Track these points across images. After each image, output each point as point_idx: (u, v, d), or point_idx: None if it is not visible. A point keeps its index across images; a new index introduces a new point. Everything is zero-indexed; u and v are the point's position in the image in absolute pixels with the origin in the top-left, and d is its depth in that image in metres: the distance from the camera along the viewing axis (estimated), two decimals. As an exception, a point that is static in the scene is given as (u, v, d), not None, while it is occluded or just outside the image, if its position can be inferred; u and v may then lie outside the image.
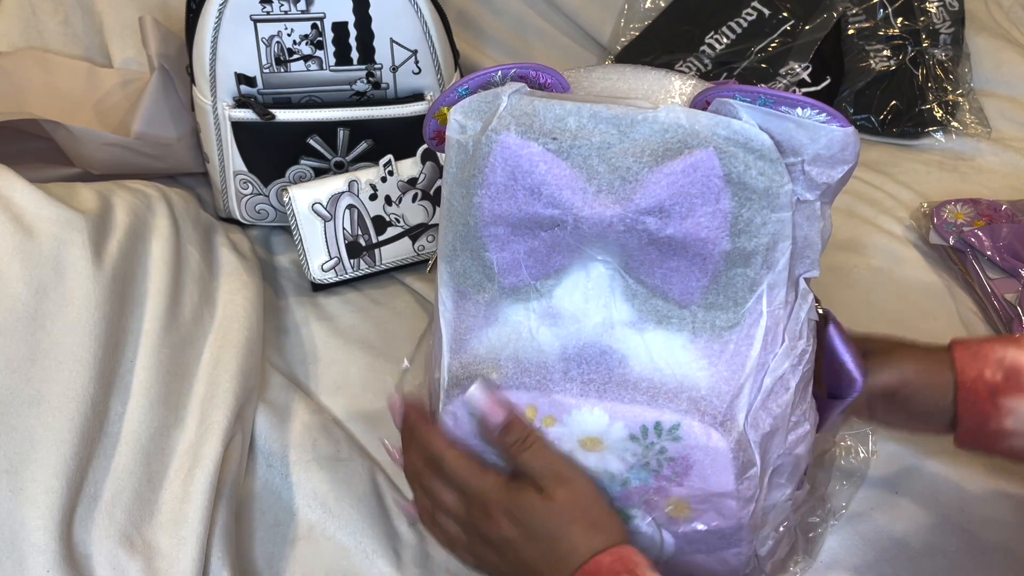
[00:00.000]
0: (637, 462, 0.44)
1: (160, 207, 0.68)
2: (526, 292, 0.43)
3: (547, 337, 0.43)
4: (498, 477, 0.45)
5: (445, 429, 0.46)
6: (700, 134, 0.39)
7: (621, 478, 0.45)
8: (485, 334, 0.44)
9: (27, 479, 0.51)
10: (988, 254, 0.75)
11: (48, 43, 0.87)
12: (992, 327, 0.72)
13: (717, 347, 0.43)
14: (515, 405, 0.44)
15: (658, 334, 0.43)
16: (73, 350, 0.55)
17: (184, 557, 0.52)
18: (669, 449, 0.43)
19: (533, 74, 0.43)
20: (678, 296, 0.42)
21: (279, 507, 0.59)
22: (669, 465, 0.44)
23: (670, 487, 0.44)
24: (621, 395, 0.43)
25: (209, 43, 0.70)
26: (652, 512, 0.46)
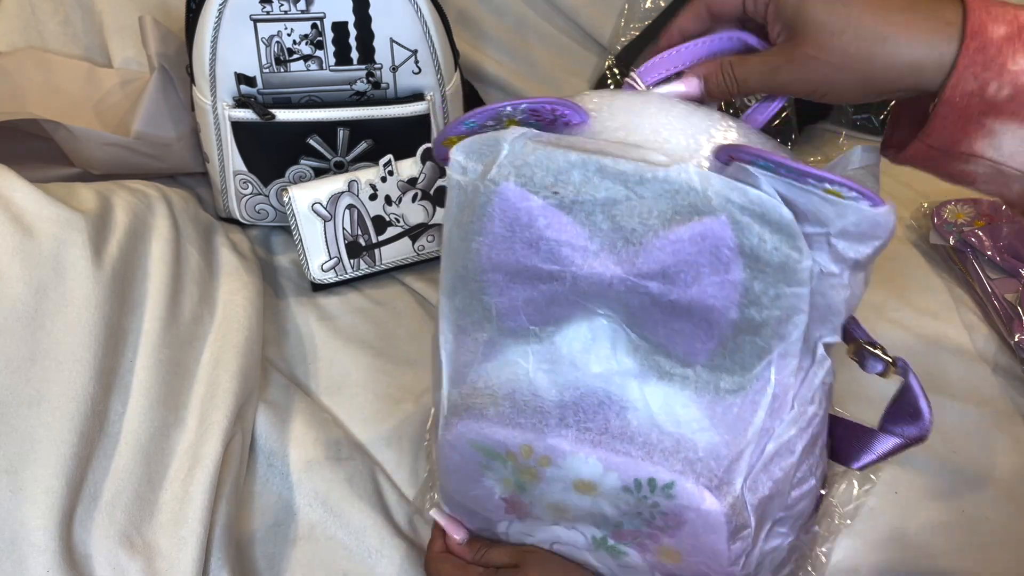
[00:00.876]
0: (630, 510, 0.43)
1: (160, 207, 0.68)
2: (525, 335, 0.42)
3: (544, 382, 0.43)
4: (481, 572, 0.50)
5: (444, 455, 0.47)
6: (712, 200, 0.36)
7: (614, 521, 0.44)
8: (484, 369, 0.44)
9: (27, 479, 0.50)
10: (988, 254, 0.75)
11: (48, 43, 0.86)
12: (992, 327, 0.72)
13: (720, 410, 0.41)
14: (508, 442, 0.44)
15: (660, 389, 0.41)
16: (73, 350, 0.55)
17: (184, 557, 0.52)
18: (662, 504, 0.42)
19: (548, 107, 0.40)
20: (682, 355, 0.40)
21: (279, 507, 0.59)
22: (662, 518, 0.43)
23: (662, 536, 0.44)
24: (616, 447, 0.41)
25: (209, 43, 0.70)
26: (644, 553, 0.46)
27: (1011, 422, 0.65)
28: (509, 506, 0.48)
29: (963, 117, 0.40)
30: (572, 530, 0.47)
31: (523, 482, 0.45)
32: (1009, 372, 0.69)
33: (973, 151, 0.41)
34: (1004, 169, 0.40)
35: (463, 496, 0.49)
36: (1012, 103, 0.39)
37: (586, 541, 0.47)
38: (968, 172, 0.42)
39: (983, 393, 0.67)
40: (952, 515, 0.59)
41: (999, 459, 0.62)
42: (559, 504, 0.45)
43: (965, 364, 0.69)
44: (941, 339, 0.71)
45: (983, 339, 0.71)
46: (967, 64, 0.38)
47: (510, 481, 0.45)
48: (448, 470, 0.47)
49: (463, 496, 0.49)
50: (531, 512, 0.47)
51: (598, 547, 0.47)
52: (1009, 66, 0.38)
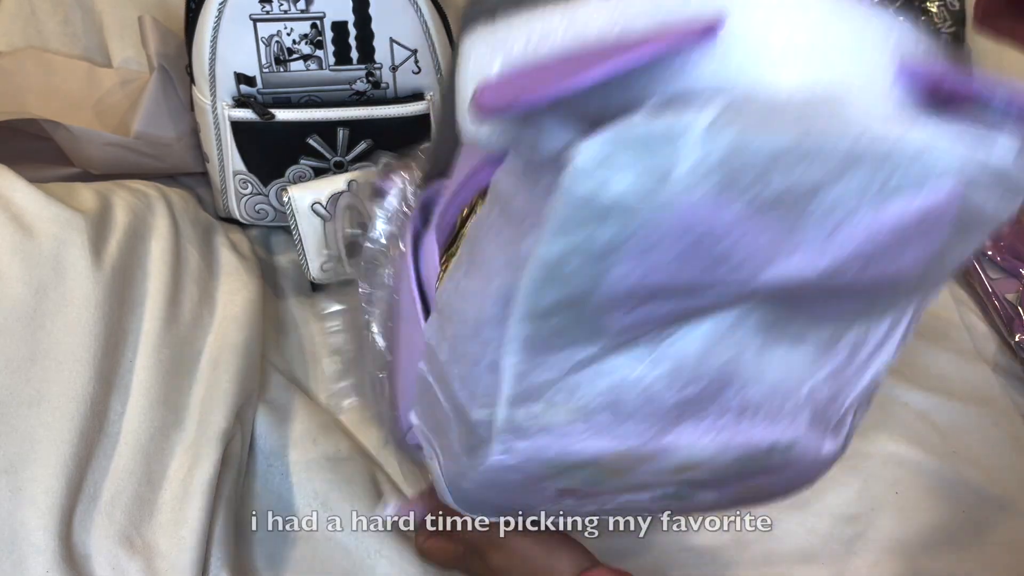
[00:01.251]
0: (730, 473, 0.39)
1: (160, 207, 0.68)
2: (638, 344, 0.34)
3: (661, 387, 0.35)
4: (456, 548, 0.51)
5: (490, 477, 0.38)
6: (949, 165, 0.28)
7: (702, 481, 0.40)
8: (570, 383, 0.35)
9: (27, 479, 0.50)
10: (989, 254, 0.75)
11: (47, 43, 0.86)
12: (992, 327, 0.72)
13: (847, 357, 0.36)
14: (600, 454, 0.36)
15: (787, 354, 0.36)
16: (73, 350, 0.55)
17: (184, 557, 0.52)
18: (774, 460, 0.38)
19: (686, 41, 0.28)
20: (826, 320, 0.35)
21: (279, 507, 0.59)
22: (765, 472, 0.39)
23: (755, 478, 0.40)
24: (739, 423, 0.36)
25: (208, 42, 0.70)
26: (721, 491, 0.41)
27: (1011, 422, 0.65)
28: (567, 492, 0.41)
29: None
30: (639, 493, 0.41)
31: (602, 478, 0.39)
32: (1009, 372, 0.69)
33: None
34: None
35: (493, 496, 0.42)
36: None
37: (652, 497, 0.42)
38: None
39: (983, 393, 0.67)
40: (953, 515, 0.59)
41: (1000, 459, 0.62)
42: (639, 485, 0.40)
43: (965, 364, 0.69)
44: (941, 339, 0.71)
45: (983, 339, 0.71)
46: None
47: (580, 480, 0.39)
48: (487, 483, 0.39)
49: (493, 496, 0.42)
50: (596, 493, 0.41)
51: (665, 499, 0.42)
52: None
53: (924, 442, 0.63)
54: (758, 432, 0.36)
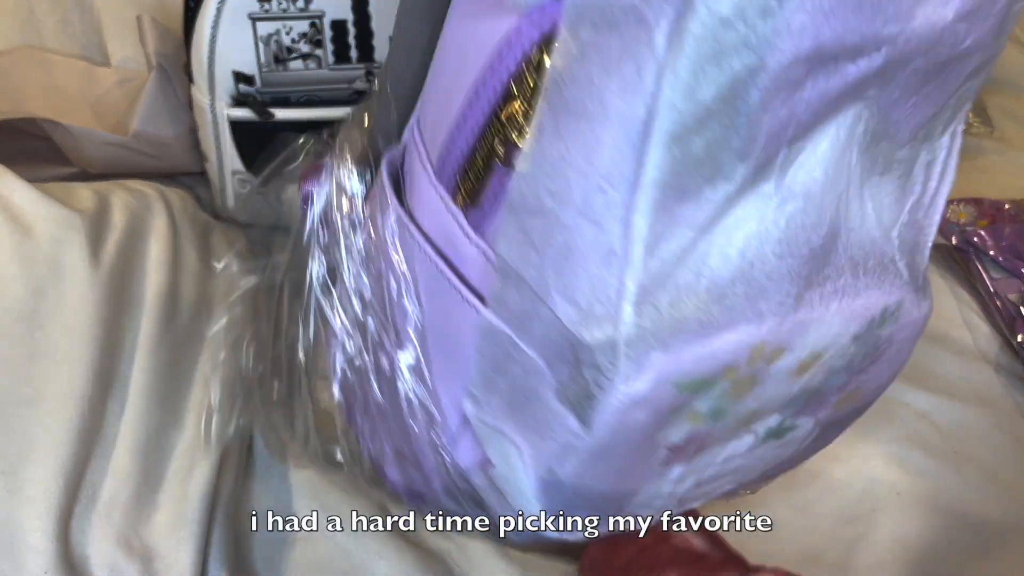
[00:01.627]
0: (843, 364, 0.35)
1: (158, 206, 0.68)
2: (766, 171, 0.29)
3: (792, 230, 0.31)
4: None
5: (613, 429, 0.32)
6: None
7: (814, 389, 0.36)
8: (699, 251, 0.30)
9: (24, 480, 0.50)
10: (991, 254, 0.75)
11: (46, 42, 0.86)
12: (994, 327, 0.72)
13: (920, 189, 0.34)
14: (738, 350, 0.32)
15: (879, 188, 0.33)
16: (71, 350, 0.54)
17: (182, 558, 0.52)
18: (883, 335, 0.35)
19: None
20: (908, 132, 0.32)
21: (278, 507, 0.59)
22: (871, 355, 0.36)
23: (857, 378, 0.37)
24: (856, 285, 0.33)
25: (207, 41, 0.69)
26: (819, 413, 0.39)
27: (1013, 422, 0.65)
28: (676, 453, 0.36)
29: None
30: (746, 435, 0.38)
31: (726, 404, 0.34)
32: (1011, 372, 0.69)
33: None
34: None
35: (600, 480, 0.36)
36: None
37: (755, 438, 0.38)
38: None
39: (985, 393, 0.67)
40: (954, 516, 0.59)
41: (1001, 460, 0.62)
42: (758, 408, 0.36)
43: (967, 364, 0.69)
44: (943, 339, 0.71)
45: (985, 339, 0.71)
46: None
47: (703, 415, 0.34)
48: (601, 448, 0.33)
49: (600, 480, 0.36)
50: (709, 442, 0.37)
51: (768, 438, 0.39)
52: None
53: (925, 443, 0.63)
54: (872, 295, 0.34)
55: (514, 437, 0.34)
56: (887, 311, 0.34)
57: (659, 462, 0.36)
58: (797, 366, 0.34)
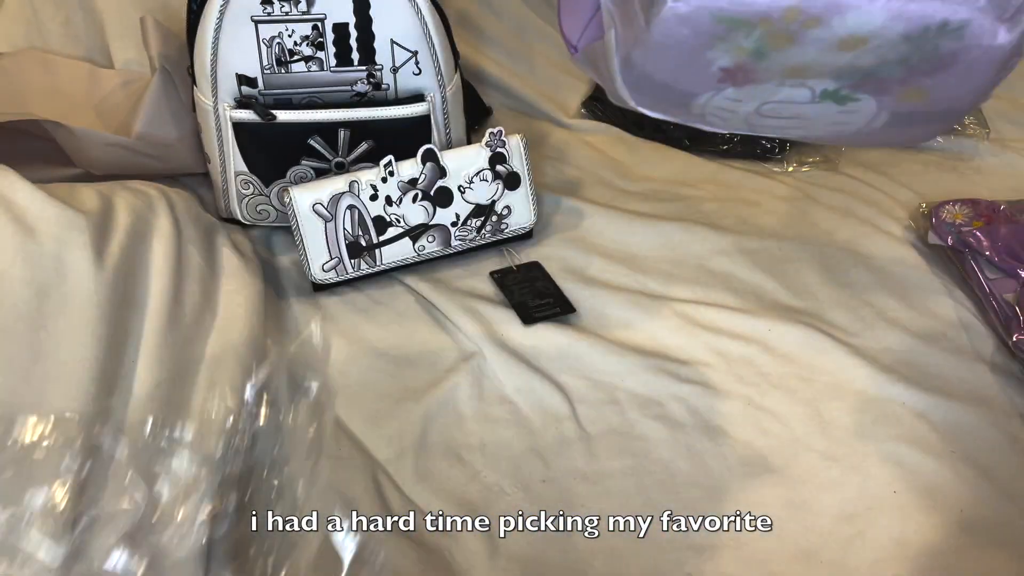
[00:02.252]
0: (896, 58, 0.39)
1: (161, 207, 0.68)
2: None
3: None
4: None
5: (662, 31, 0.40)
6: None
7: (867, 70, 0.40)
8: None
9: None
10: (987, 254, 0.75)
11: (49, 44, 0.87)
12: (990, 327, 0.72)
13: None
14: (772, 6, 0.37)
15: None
16: (74, 350, 0.55)
17: (186, 557, 0.52)
18: (942, 47, 0.38)
19: None
20: None
21: (279, 507, 0.59)
22: (931, 61, 0.39)
23: (921, 78, 0.40)
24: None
25: (210, 44, 0.70)
26: (882, 96, 0.42)
27: (1009, 422, 0.65)
28: (727, 75, 0.42)
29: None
30: (799, 87, 0.42)
31: (766, 48, 0.39)
32: (1007, 372, 0.69)
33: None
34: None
35: (664, 70, 0.43)
36: None
37: (812, 95, 0.43)
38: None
39: (981, 393, 0.67)
40: (950, 515, 0.59)
41: (997, 458, 0.63)
42: (802, 65, 0.40)
43: (963, 364, 0.70)
44: (940, 339, 0.72)
45: (981, 339, 0.72)
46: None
47: (747, 50, 0.39)
48: (659, 46, 0.40)
49: (664, 70, 0.43)
50: (757, 77, 0.42)
51: (824, 98, 0.43)
52: None
53: (922, 442, 0.63)
54: (933, 4, 0.36)
55: (616, 19, 0.44)
56: (947, 25, 0.36)
57: (714, 77, 0.42)
58: (838, 41, 0.37)
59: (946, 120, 0.44)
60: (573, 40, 0.51)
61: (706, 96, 0.44)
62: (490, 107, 0.94)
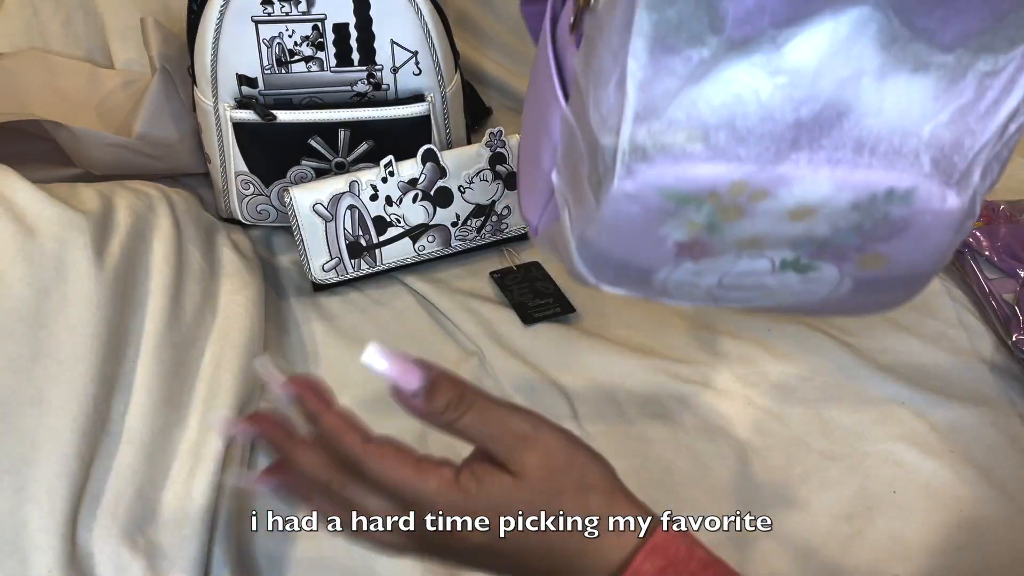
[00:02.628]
0: (849, 226, 0.39)
1: (162, 207, 0.68)
2: (757, 45, 0.35)
3: (779, 100, 0.36)
4: (442, 474, 0.37)
5: (612, 210, 0.39)
6: None
7: (821, 240, 0.40)
8: (689, 97, 0.36)
9: (29, 479, 0.51)
10: (986, 254, 0.75)
11: (50, 44, 0.87)
12: (990, 327, 0.72)
13: (973, 95, 0.36)
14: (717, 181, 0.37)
15: (910, 84, 0.36)
16: (75, 350, 0.55)
17: (186, 556, 0.52)
18: (892, 213, 0.38)
19: None
20: (948, 39, 0.35)
21: (280, 507, 0.59)
22: (884, 226, 0.39)
23: (876, 244, 0.40)
24: (856, 160, 0.37)
25: (210, 44, 0.70)
26: (842, 264, 0.42)
27: (1009, 422, 0.65)
28: (683, 249, 0.42)
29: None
30: (758, 258, 0.43)
31: (718, 222, 0.40)
32: (1007, 372, 0.69)
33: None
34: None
35: (618, 247, 0.43)
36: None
37: (772, 265, 0.43)
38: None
39: (981, 393, 0.67)
40: (950, 515, 0.59)
41: (997, 459, 0.63)
42: (757, 236, 0.40)
43: (963, 364, 0.70)
44: (939, 339, 0.72)
45: (981, 339, 0.72)
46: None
47: (699, 224, 0.40)
48: (612, 225, 0.41)
49: (618, 247, 0.43)
50: (713, 250, 0.42)
51: (785, 268, 0.43)
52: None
53: (922, 442, 0.63)
54: (876, 173, 0.37)
55: (569, 200, 0.44)
56: (894, 192, 0.37)
57: (670, 252, 0.42)
58: (788, 212, 0.38)
59: (912, 285, 0.44)
60: (533, 223, 0.50)
61: (665, 271, 0.44)
62: (490, 107, 0.95)
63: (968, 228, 0.40)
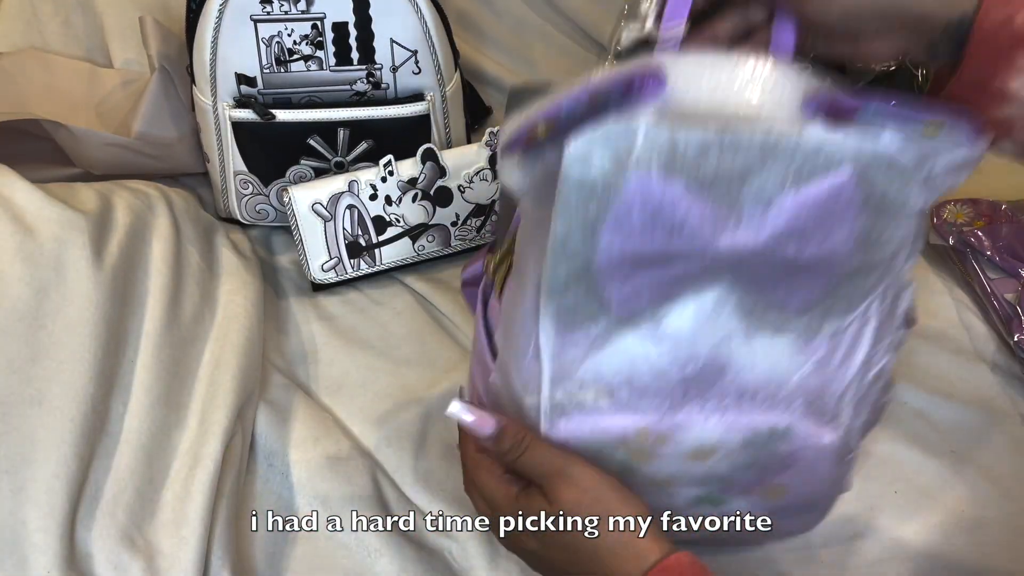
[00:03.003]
0: (745, 463, 0.45)
1: (160, 207, 0.68)
2: (640, 319, 0.42)
3: (665, 361, 0.43)
4: (510, 489, 0.45)
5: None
6: (845, 154, 0.37)
7: (726, 477, 0.47)
8: (593, 362, 0.43)
9: (28, 479, 0.51)
10: (988, 254, 0.75)
11: (49, 43, 0.87)
12: (991, 327, 0.72)
13: (827, 351, 0.43)
14: (625, 430, 0.44)
15: (773, 343, 0.43)
16: (74, 350, 0.55)
17: (185, 557, 0.52)
18: (779, 449, 0.45)
19: (639, 78, 0.40)
20: (796, 307, 0.42)
21: (279, 507, 0.59)
22: (775, 462, 0.46)
23: (773, 477, 0.47)
24: (739, 406, 0.43)
25: (209, 43, 0.70)
26: (748, 496, 0.48)
27: (1010, 422, 0.65)
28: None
29: (994, 49, 0.42)
30: (674, 497, 0.48)
31: (632, 464, 0.46)
32: (1008, 372, 0.69)
33: (1007, 89, 0.42)
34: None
35: None
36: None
37: (686, 501, 0.49)
38: (1004, 120, 0.44)
39: (982, 393, 0.67)
40: (951, 515, 0.59)
41: (998, 459, 0.63)
42: (668, 476, 0.46)
43: (964, 364, 0.69)
44: (940, 339, 0.72)
45: (982, 339, 0.72)
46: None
47: (615, 467, 0.45)
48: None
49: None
50: (640, 488, 0.47)
51: (699, 503, 0.49)
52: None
53: (923, 441, 0.63)
54: (757, 416, 0.43)
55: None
56: (775, 431, 0.44)
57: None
58: (689, 453, 0.45)
59: (815, 510, 0.51)
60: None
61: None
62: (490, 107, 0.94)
63: (853, 458, 0.47)
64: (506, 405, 0.47)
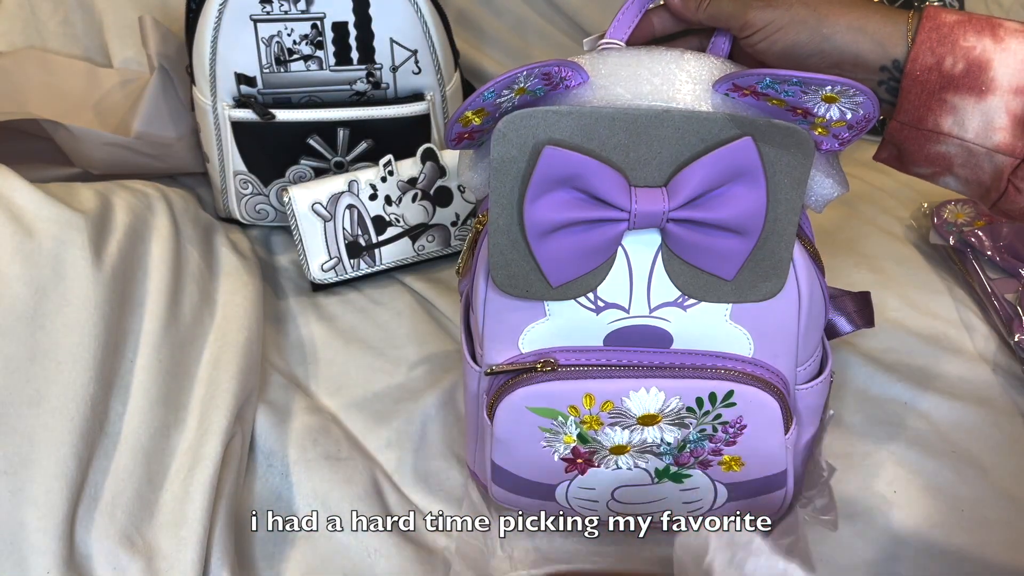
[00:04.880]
0: (694, 429, 0.48)
1: (160, 207, 0.68)
2: (574, 288, 0.45)
3: (598, 326, 0.46)
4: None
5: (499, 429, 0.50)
6: (740, 122, 0.41)
7: (678, 444, 0.49)
8: (535, 329, 0.47)
9: (27, 480, 0.51)
10: (988, 254, 0.75)
11: (48, 43, 0.87)
12: (992, 327, 0.72)
13: (760, 312, 0.45)
14: (570, 396, 0.47)
15: (705, 309, 0.45)
16: (73, 350, 0.55)
17: (184, 557, 0.52)
18: (724, 415, 0.47)
19: (556, 70, 0.44)
20: (723, 272, 0.44)
21: (279, 507, 0.59)
22: (724, 428, 0.48)
23: (724, 448, 0.49)
24: (676, 372, 0.46)
25: (209, 43, 0.70)
26: (707, 469, 0.51)
27: (1010, 422, 0.65)
28: (570, 464, 0.51)
29: (926, 91, 0.45)
30: (635, 468, 0.51)
31: (586, 433, 0.49)
32: (1009, 372, 0.69)
33: (940, 128, 0.45)
34: (971, 147, 0.45)
35: (519, 466, 0.52)
36: (967, 77, 0.44)
37: (650, 476, 0.51)
38: (943, 155, 0.46)
39: (983, 393, 0.67)
40: (951, 515, 0.59)
41: (998, 459, 0.62)
42: (623, 444, 0.49)
43: (965, 364, 0.69)
44: (941, 339, 0.71)
45: (983, 339, 0.71)
46: (924, 40, 0.45)
47: (571, 437, 0.49)
48: (504, 441, 0.50)
49: (519, 466, 0.52)
50: (594, 461, 0.50)
51: (662, 477, 0.51)
52: (960, 42, 0.44)
53: (923, 442, 0.63)
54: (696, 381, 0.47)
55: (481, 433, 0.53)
56: (716, 396, 0.47)
57: (560, 468, 0.51)
58: (637, 419, 0.48)
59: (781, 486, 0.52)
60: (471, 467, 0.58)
61: (562, 487, 0.52)
62: (490, 106, 0.94)
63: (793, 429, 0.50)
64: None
